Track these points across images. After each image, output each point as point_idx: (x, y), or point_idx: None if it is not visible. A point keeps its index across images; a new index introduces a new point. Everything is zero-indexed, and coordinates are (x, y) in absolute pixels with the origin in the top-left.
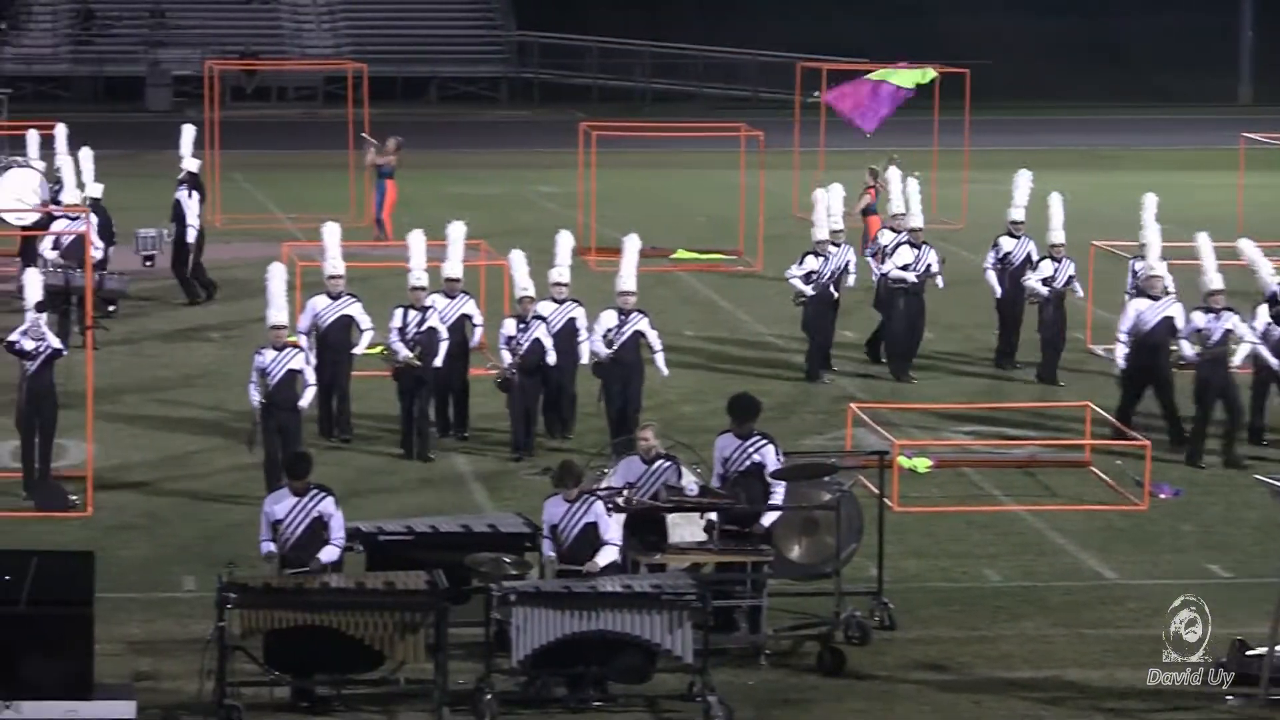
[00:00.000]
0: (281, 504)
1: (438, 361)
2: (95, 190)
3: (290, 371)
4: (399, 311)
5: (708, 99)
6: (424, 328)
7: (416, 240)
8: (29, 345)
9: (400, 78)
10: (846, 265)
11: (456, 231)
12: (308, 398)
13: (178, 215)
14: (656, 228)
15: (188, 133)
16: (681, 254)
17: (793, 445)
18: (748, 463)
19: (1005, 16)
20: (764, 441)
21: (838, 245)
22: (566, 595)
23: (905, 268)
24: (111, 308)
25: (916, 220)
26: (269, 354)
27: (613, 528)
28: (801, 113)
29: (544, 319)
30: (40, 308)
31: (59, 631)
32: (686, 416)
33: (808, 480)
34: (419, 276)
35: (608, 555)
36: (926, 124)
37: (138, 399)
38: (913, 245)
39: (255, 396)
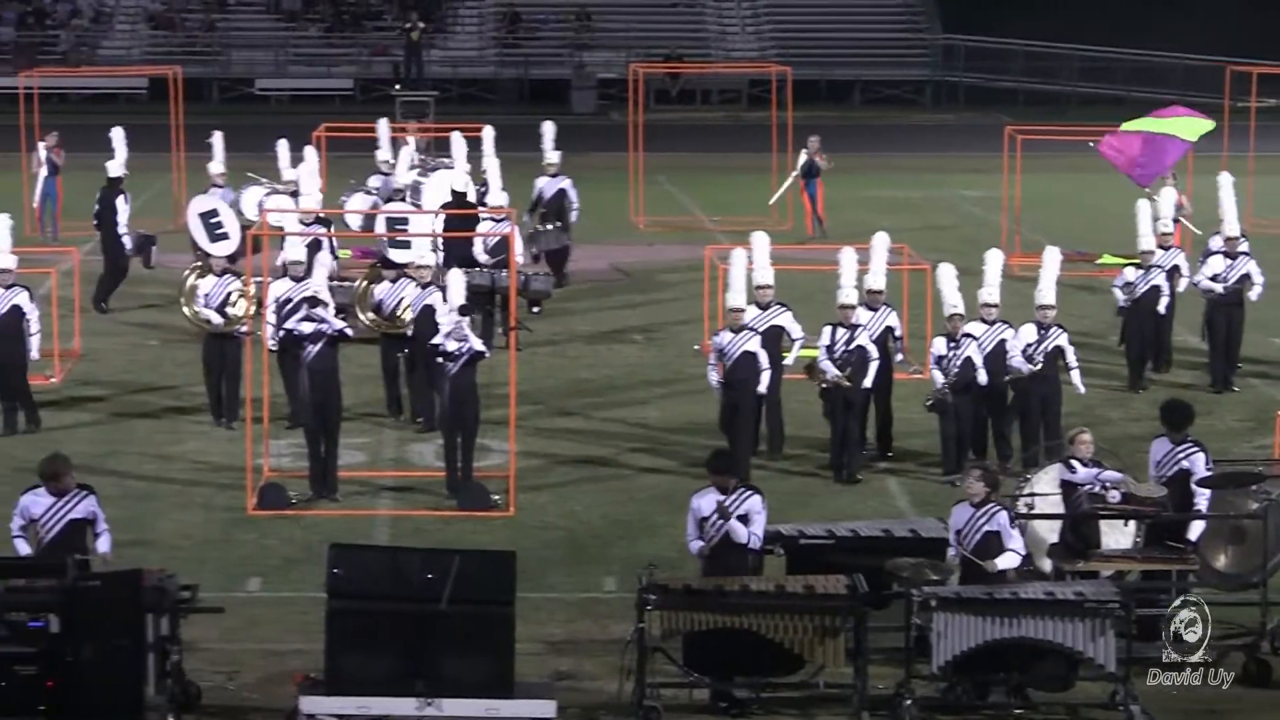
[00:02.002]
0: None
1: (866, 382)
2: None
3: (746, 353)
4: (827, 329)
5: (1134, 102)
6: (853, 346)
7: (847, 257)
8: (452, 347)
9: (824, 81)
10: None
11: (880, 242)
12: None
13: (561, 203)
14: (1081, 232)
15: (549, 130)
16: (1107, 259)
17: (1219, 453)
18: (1175, 469)
19: None
20: (1195, 449)
21: (1166, 249)
22: (988, 601)
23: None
24: (536, 309)
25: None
26: (726, 335)
27: (1015, 538)
28: (1231, 117)
29: (975, 338)
30: (464, 310)
31: (480, 630)
32: (1113, 422)
33: (1234, 489)
34: (848, 294)
35: (1008, 560)
36: None
37: (560, 400)
38: (1228, 255)
39: (714, 378)
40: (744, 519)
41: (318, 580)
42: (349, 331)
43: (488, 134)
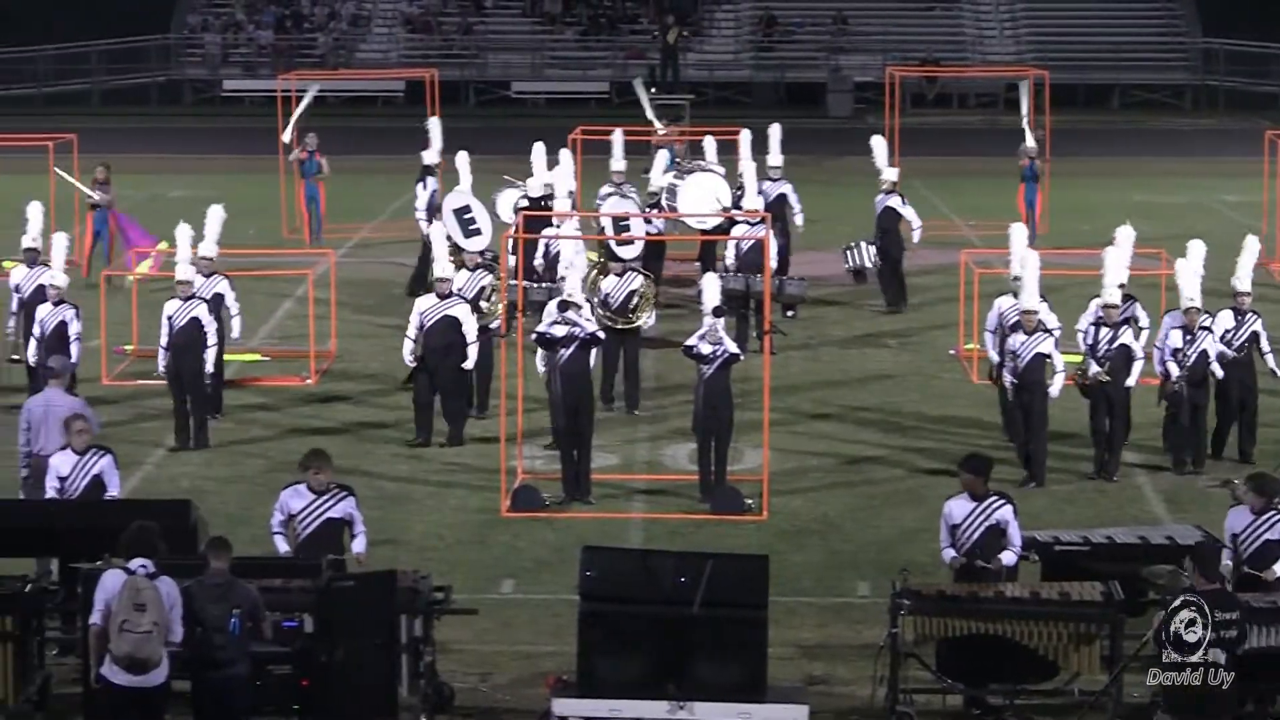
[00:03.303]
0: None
1: (1130, 381)
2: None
3: (1039, 355)
4: (1090, 328)
5: None
6: (1115, 345)
7: (1111, 257)
8: (706, 349)
9: (1082, 85)
10: None
11: (1125, 236)
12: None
13: (891, 222)
14: None
15: (880, 145)
16: None
17: None
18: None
19: None
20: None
21: None
22: (1271, 610)
23: None
24: (790, 312)
25: None
26: (1019, 337)
27: None
28: None
29: (1210, 330)
30: (718, 312)
31: (733, 634)
32: None
33: None
34: (1112, 294)
35: None
36: None
37: (813, 404)
38: None
39: (1008, 379)
40: (999, 529)
41: (570, 582)
42: (601, 335)
43: (744, 138)
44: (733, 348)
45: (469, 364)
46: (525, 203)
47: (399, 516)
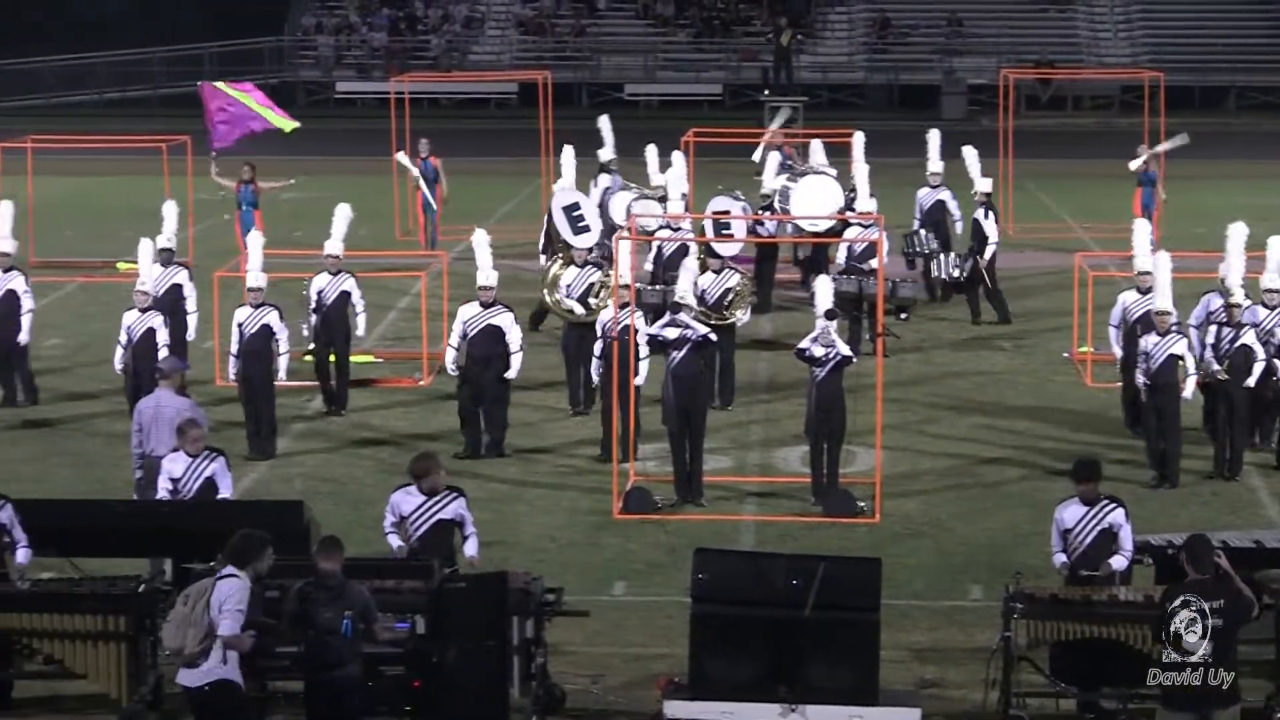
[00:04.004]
0: None
1: (1249, 381)
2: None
3: (1172, 356)
4: (1213, 328)
5: None
6: (1237, 344)
7: (1235, 260)
8: (818, 352)
9: (1198, 87)
10: None
11: (1238, 233)
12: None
13: (978, 235)
14: None
15: (971, 155)
16: None
17: None
18: None
19: None
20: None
21: None
22: None
23: None
24: (904, 315)
25: None
26: (1151, 339)
27: None
28: None
29: (1256, 325)
30: (830, 315)
31: (845, 637)
32: None
33: None
34: (1238, 294)
35: None
36: None
37: (926, 407)
38: None
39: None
40: (1111, 533)
41: (682, 584)
42: (713, 337)
43: (858, 140)
44: (845, 350)
45: (512, 373)
46: (637, 205)
47: (510, 518)
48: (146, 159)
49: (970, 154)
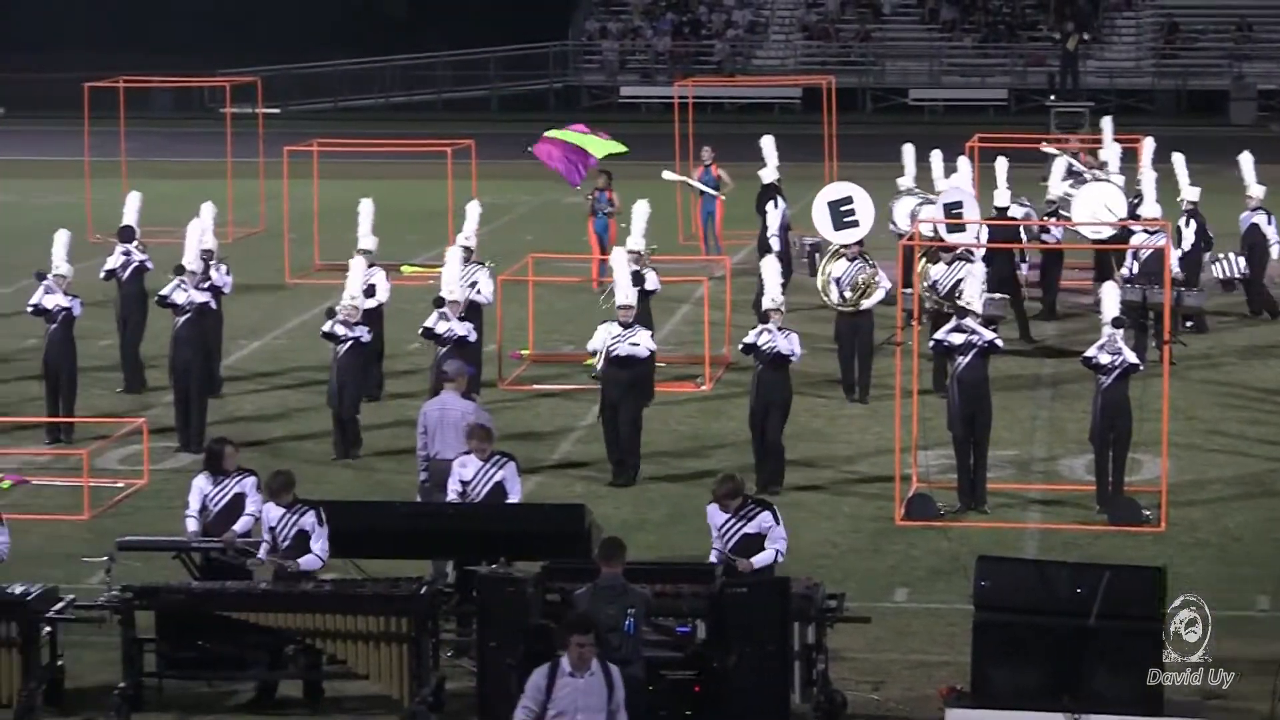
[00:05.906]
0: None
1: None
2: (1191, 194)
3: None
4: None
5: None
6: None
7: None
8: (1104, 360)
9: None
10: None
11: None
12: None
13: (1255, 239)
14: None
15: (1247, 161)
16: None
17: None
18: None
19: None
20: None
21: None
22: None
23: None
24: (1189, 323)
25: None
26: None
27: None
28: None
29: None
30: (1117, 323)
31: (1130, 646)
32: None
33: None
34: None
35: None
36: None
37: (1213, 415)
38: None
39: None
40: None
41: (964, 592)
42: (1000, 343)
43: (1146, 146)
44: (1132, 358)
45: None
46: (921, 210)
47: (792, 524)
48: (430, 163)
49: (1246, 160)
